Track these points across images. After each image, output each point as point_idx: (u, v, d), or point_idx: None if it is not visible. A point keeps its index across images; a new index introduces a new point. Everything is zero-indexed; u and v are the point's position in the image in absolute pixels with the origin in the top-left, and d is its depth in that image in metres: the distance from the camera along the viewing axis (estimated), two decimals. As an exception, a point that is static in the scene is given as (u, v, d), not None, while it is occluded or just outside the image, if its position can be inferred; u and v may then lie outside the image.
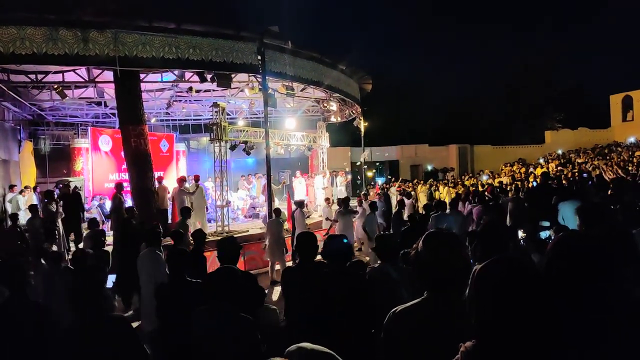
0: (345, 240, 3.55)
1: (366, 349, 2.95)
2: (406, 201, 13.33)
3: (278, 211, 9.43)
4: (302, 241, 3.67)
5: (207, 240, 6.99)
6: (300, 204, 10.32)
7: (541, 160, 25.60)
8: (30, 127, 16.34)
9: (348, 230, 9.26)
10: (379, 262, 3.97)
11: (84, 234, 8.57)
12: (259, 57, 10.39)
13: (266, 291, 3.79)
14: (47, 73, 11.11)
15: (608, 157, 22.81)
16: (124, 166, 12.96)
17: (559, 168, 21.67)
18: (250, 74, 11.55)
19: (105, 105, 15.43)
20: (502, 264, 1.35)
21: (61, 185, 12.78)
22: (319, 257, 3.75)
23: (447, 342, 1.62)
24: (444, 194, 17.00)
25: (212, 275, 2.97)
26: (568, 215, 5.94)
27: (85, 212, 12.16)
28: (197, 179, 11.58)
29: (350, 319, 3.07)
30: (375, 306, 3.14)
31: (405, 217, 9.77)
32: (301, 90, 13.91)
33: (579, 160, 23.10)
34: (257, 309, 3.26)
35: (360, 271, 3.85)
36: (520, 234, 6.03)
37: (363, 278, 3.67)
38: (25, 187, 12.30)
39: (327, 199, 12.69)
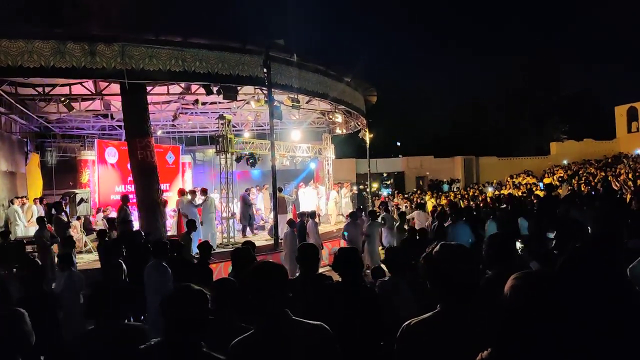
0: (356, 252, 3.51)
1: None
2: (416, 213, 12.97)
3: (292, 222, 9.34)
4: (303, 253, 3.61)
5: (213, 252, 6.93)
6: (312, 215, 10.22)
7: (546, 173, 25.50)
8: (37, 140, 16.45)
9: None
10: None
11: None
12: (265, 70, 10.45)
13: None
14: (54, 86, 11.21)
15: (614, 169, 22.66)
16: (130, 178, 12.97)
17: (564, 177, 21.56)
18: (256, 87, 11.58)
19: (112, 118, 15.52)
20: (536, 277, 1.36)
21: (67, 198, 12.80)
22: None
23: (461, 354, 1.64)
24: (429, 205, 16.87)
25: (212, 286, 2.98)
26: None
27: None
28: (204, 191, 11.54)
29: (357, 331, 3.02)
30: (384, 318, 3.13)
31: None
32: (307, 103, 13.95)
33: (589, 171, 22.95)
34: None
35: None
36: (518, 244, 6.14)
37: (372, 290, 3.61)
38: (19, 197, 12.04)
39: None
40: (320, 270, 3.98)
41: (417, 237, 7.10)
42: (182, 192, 11.27)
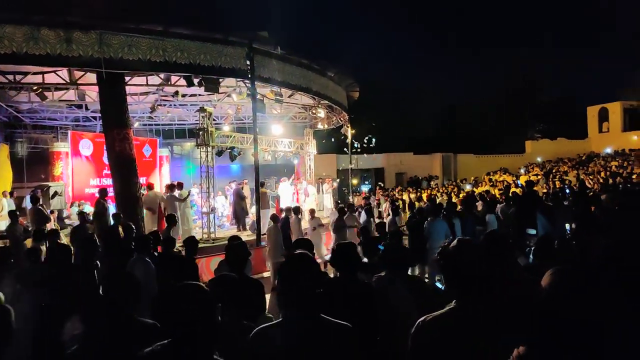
0: (354, 247, 3.47)
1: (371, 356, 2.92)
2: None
3: (275, 217, 9.20)
4: (297, 248, 3.57)
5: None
6: (296, 211, 10.13)
7: (522, 170, 26.12)
8: (7, 130, 15.73)
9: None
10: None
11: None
12: (248, 62, 10.26)
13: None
14: (26, 74, 10.70)
15: (586, 167, 23.44)
16: (106, 171, 12.58)
17: (539, 177, 22.12)
18: (238, 79, 11.37)
19: (86, 109, 14.99)
20: (578, 274, 1.33)
21: (39, 191, 12.30)
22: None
23: (478, 349, 1.67)
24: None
25: (212, 282, 2.90)
26: (542, 221, 7.04)
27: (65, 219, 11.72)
28: (180, 185, 11.28)
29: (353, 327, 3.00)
30: (380, 315, 3.10)
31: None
32: (289, 97, 13.80)
33: (563, 169, 23.62)
34: (259, 316, 3.18)
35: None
36: None
37: (369, 286, 3.58)
38: None
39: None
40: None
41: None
42: (150, 187, 11.13)
